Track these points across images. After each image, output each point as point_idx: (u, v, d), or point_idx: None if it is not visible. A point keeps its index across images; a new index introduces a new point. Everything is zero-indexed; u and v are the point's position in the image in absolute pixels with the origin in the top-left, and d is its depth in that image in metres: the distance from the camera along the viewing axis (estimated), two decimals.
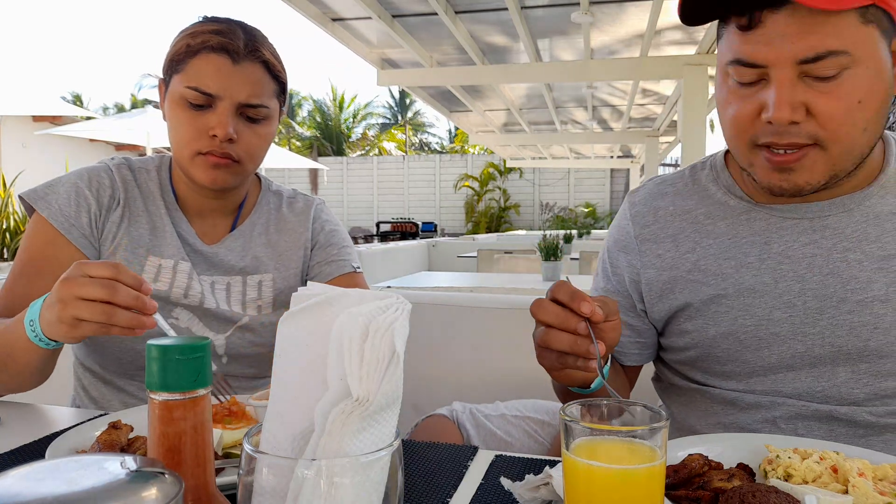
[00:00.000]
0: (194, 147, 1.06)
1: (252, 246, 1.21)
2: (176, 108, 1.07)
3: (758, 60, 0.79)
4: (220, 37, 1.04)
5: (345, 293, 0.43)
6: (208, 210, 1.19)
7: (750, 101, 0.82)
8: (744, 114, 0.83)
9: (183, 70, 1.05)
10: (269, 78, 1.09)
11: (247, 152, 1.09)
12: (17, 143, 12.34)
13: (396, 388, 0.41)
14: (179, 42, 1.06)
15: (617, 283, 1.04)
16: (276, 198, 1.29)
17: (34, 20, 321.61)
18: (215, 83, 1.03)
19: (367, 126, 32.65)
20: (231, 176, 1.10)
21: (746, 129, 0.84)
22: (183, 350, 0.39)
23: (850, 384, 0.88)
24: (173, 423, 0.40)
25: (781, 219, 0.92)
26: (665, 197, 1.02)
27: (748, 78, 0.82)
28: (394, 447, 0.41)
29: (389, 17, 5.01)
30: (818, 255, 0.89)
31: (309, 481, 0.38)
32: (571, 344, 0.72)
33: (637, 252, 1.01)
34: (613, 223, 1.09)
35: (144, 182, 1.17)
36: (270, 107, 1.10)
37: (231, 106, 1.05)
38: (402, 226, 16.76)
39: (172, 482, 0.32)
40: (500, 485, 0.70)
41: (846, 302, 0.87)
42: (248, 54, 1.05)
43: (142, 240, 1.14)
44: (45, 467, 0.32)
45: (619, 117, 9.49)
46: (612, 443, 0.52)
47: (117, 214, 1.14)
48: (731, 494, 0.60)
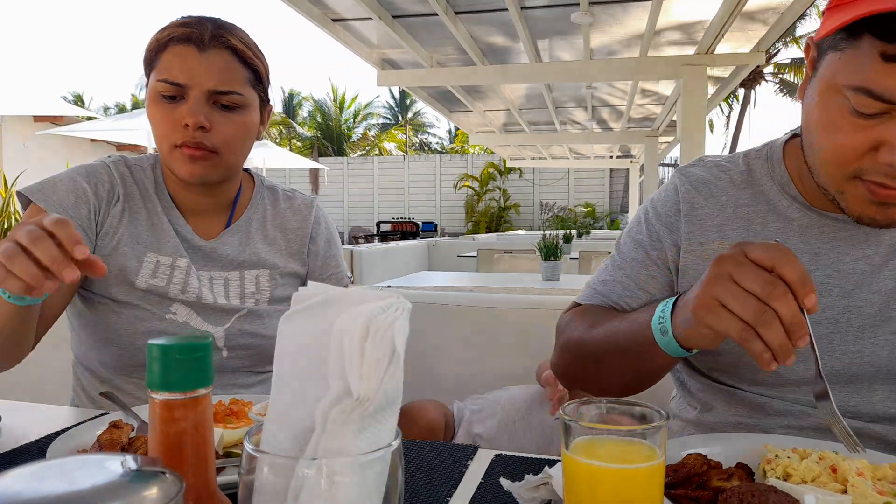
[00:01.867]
0: (170, 140, 1.07)
1: (251, 241, 1.22)
2: (152, 104, 1.08)
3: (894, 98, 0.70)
4: (185, 28, 1.06)
5: (345, 293, 0.43)
6: (202, 207, 1.20)
7: (866, 133, 0.74)
8: (855, 146, 0.75)
9: (156, 66, 1.08)
10: (238, 64, 1.09)
11: (222, 142, 1.08)
12: (18, 144, 12.32)
13: (397, 388, 0.41)
14: (151, 40, 1.09)
15: (657, 255, 0.96)
16: (272, 193, 1.30)
17: (35, 20, 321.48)
18: (182, 73, 1.05)
19: (368, 126, 32.66)
20: (209, 169, 1.09)
21: (852, 161, 0.76)
22: (184, 349, 0.39)
23: (888, 402, 0.85)
24: (174, 422, 0.40)
25: (835, 229, 0.87)
26: (718, 183, 0.95)
27: (871, 110, 0.73)
28: (394, 446, 0.41)
29: (390, 17, 5.01)
30: (868, 271, 0.85)
31: (309, 480, 0.38)
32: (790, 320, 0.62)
33: (681, 232, 0.95)
34: (659, 195, 1.01)
35: (141, 179, 1.18)
36: (244, 94, 1.10)
37: (201, 94, 1.05)
38: (402, 225, 16.76)
39: (173, 481, 0.32)
40: (500, 484, 0.71)
41: (890, 322, 0.84)
42: (213, 42, 1.06)
43: (140, 236, 1.14)
44: (46, 467, 0.32)
45: (618, 117, 9.48)
46: (612, 442, 0.52)
47: (118, 209, 1.14)
48: (730, 494, 0.60)
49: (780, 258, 0.64)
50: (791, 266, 0.64)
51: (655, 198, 1.02)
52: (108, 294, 1.12)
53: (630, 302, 0.97)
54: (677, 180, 0.99)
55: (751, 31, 5.07)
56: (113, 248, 1.12)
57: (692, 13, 4.73)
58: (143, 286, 1.12)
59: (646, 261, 0.97)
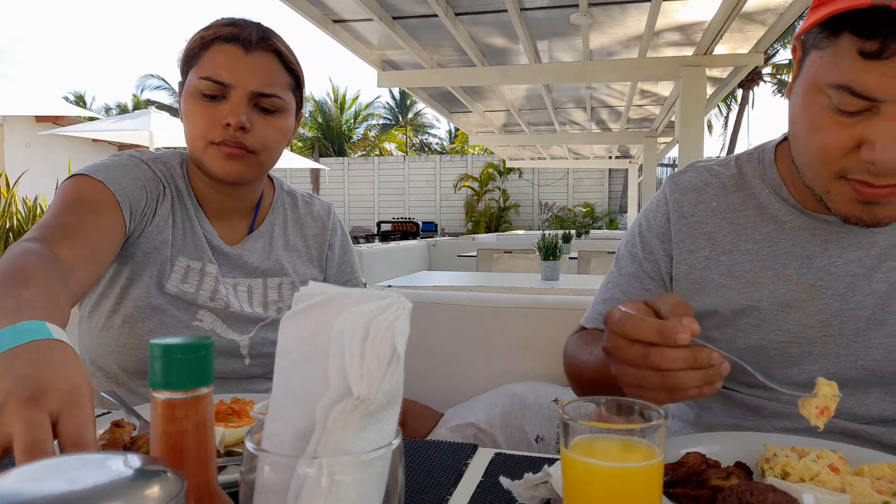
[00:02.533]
0: (208, 137, 1.05)
1: (274, 248, 1.21)
2: (191, 101, 1.06)
3: (876, 95, 0.70)
4: (232, 28, 1.05)
5: (346, 293, 0.43)
6: (227, 210, 1.18)
7: (848, 131, 0.73)
8: (838, 144, 0.75)
9: (197, 63, 1.06)
10: (282, 69, 1.09)
11: (261, 143, 1.08)
12: (20, 144, 12.32)
13: (397, 387, 0.42)
14: (194, 38, 1.08)
15: (651, 267, 0.97)
16: (291, 198, 1.30)
17: (36, 20, 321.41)
18: (227, 72, 1.04)
19: (368, 127, 32.65)
20: (246, 168, 1.08)
21: (836, 160, 0.75)
22: (185, 349, 0.39)
23: (882, 405, 0.85)
24: (176, 421, 0.40)
25: (827, 231, 0.86)
26: (709, 189, 0.95)
27: (853, 108, 0.72)
28: (394, 445, 0.41)
29: (390, 18, 5.02)
30: (860, 273, 0.84)
31: (310, 479, 0.39)
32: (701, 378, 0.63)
33: (672, 242, 0.95)
34: (650, 205, 1.02)
35: (173, 178, 1.15)
36: (285, 99, 1.09)
37: (244, 95, 1.05)
38: (402, 225, 16.76)
39: (175, 480, 0.32)
40: (500, 483, 0.71)
41: (885, 325, 0.83)
42: (260, 44, 1.06)
43: (175, 240, 1.12)
44: (47, 466, 0.32)
45: (617, 118, 9.49)
46: (611, 441, 0.52)
47: (166, 208, 1.11)
48: (729, 493, 0.60)
49: (629, 328, 0.64)
50: (641, 330, 0.63)
51: (647, 208, 1.02)
52: (138, 295, 1.08)
53: None
54: (667, 189, 0.99)
55: (749, 32, 5.08)
56: (155, 248, 1.09)
57: (691, 14, 4.74)
58: (174, 291, 1.09)
59: (640, 274, 0.98)
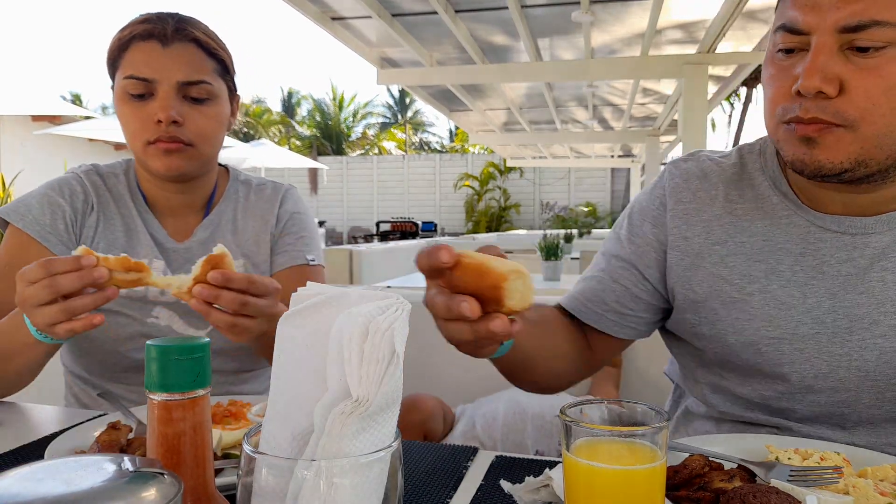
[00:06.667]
0: (143, 137, 1.07)
1: (219, 234, 1.20)
2: (121, 104, 1.08)
3: (799, 25, 0.75)
4: (146, 24, 1.06)
5: (344, 293, 0.43)
6: (178, 207, 1.19)
7: (787, 73, 0.77)
8: (781, 85, 0.78)
9: (120, 65, 1.08)
10: (204, 55, 1.09)
11: (197, 134, 1.08)
12: (16, 143, 12.32)
13: (396, 389, 0.41)
14: (112, 40, 1.09)
15: (632, 251, 0.97)
16: (245, 187, 1.28)
17: (33, 19, 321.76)
18: (149, 68, 1.05)
19: (367, 125, 32.69)
20: (186, 161, 1.09)
21: (779, 103, 0.78)
22: (182, 350, 0.39)
23: (872, 410, 0.85)
24: (172, 423, 0.39)
25: (821, 229, 0.86)
26: (709, 177, 0.95)
27: (789, 44, 0.77)
28: (393, 448, 0.41)
29: (389, 16, 5.01)
30: (853, 273, 0.84)
31: (308, 482, 0.38)
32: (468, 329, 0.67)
33: (666, 227, 0.95)
34: (647, 190, 1.01)
35: (114, 186, 1.19)
36: (214, 84, 1.10)
37: (170, 88, 1.05)
38: (402, 225, 16.74)
39: (171, 483, 0.32)
40: (500, 486, 0.70)
41: (878, 325, 0.82)
42: (176, 35, 1.06)
43: (117, 242, 1.14)
44: (45, 468, 0.32)
45: (619, 116, 9.48)
46: (613, 443, 0.52)
47: (93, 219, 1.15)
48: (732, 495, 0.60)
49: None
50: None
51: (642, 192, 1.02)
52: None
53: (605, 297, 0.98)
54: (667, 173, 0.99)
55: (752, 30, 5.07)
56: None
57: (693, 12, 4.73)
58: (123, 292, 1.11)
59: (620, 253, 0.98)
